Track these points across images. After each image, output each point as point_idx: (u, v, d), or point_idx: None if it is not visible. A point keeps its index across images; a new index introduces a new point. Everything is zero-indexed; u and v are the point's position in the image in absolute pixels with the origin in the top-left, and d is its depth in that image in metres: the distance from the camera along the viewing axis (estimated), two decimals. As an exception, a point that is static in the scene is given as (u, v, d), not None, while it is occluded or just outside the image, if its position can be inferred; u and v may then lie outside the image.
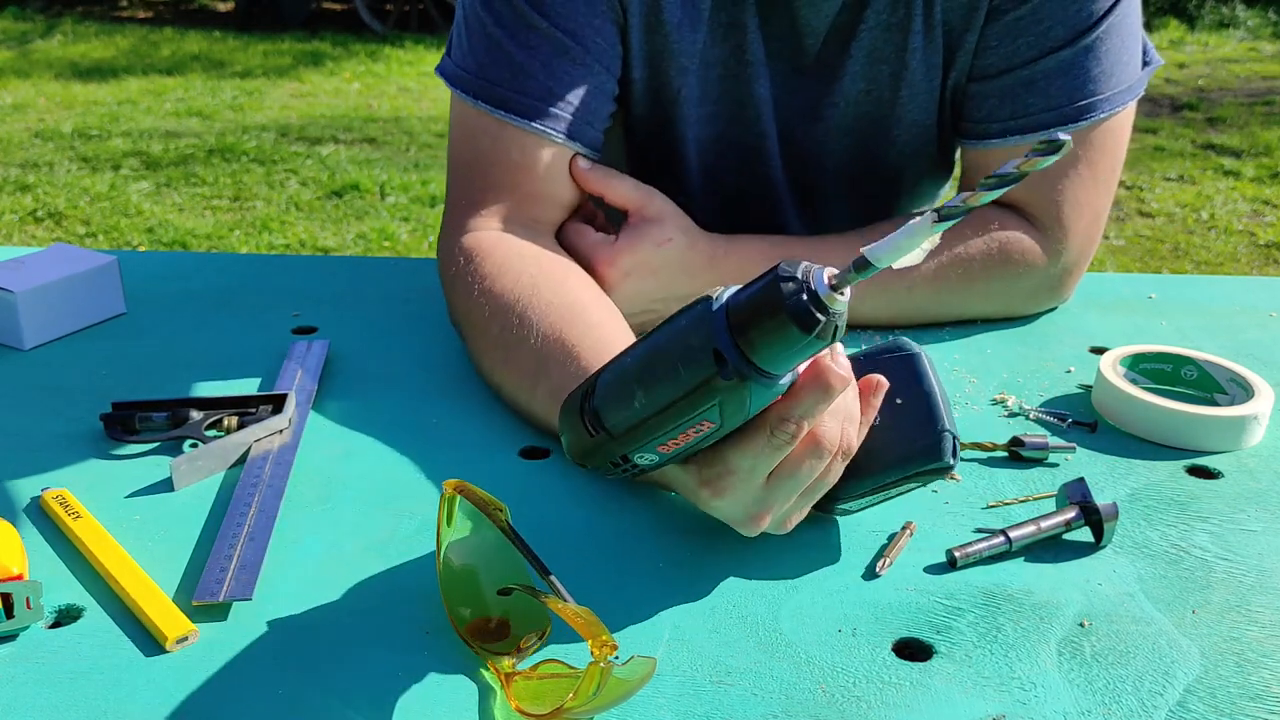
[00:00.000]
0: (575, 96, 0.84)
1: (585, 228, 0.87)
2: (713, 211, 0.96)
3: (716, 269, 0.87)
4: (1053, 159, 0.41)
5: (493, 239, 0.83)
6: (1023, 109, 0.86)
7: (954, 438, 0.59)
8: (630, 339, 0.73)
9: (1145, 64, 0.89)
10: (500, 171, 0.85)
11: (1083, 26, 0.83)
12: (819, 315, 0.45)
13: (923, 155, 0.96)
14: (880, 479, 0.60)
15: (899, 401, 0.60)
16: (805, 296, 0.46)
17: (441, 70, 0.88)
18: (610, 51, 0.86)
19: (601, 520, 0.65)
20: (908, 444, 0.59)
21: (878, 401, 0.58)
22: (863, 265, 0.45)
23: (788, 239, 0.90)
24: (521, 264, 0.80)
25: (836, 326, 0.46)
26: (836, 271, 0.46)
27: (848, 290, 0.46)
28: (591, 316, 0.75)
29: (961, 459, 0.71)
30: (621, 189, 0.86)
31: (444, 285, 0.85)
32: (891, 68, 0.89)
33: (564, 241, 0.87)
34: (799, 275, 0.46)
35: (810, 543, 0.63)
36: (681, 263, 0.86)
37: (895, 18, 0.87)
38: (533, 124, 0.83)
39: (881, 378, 0.58)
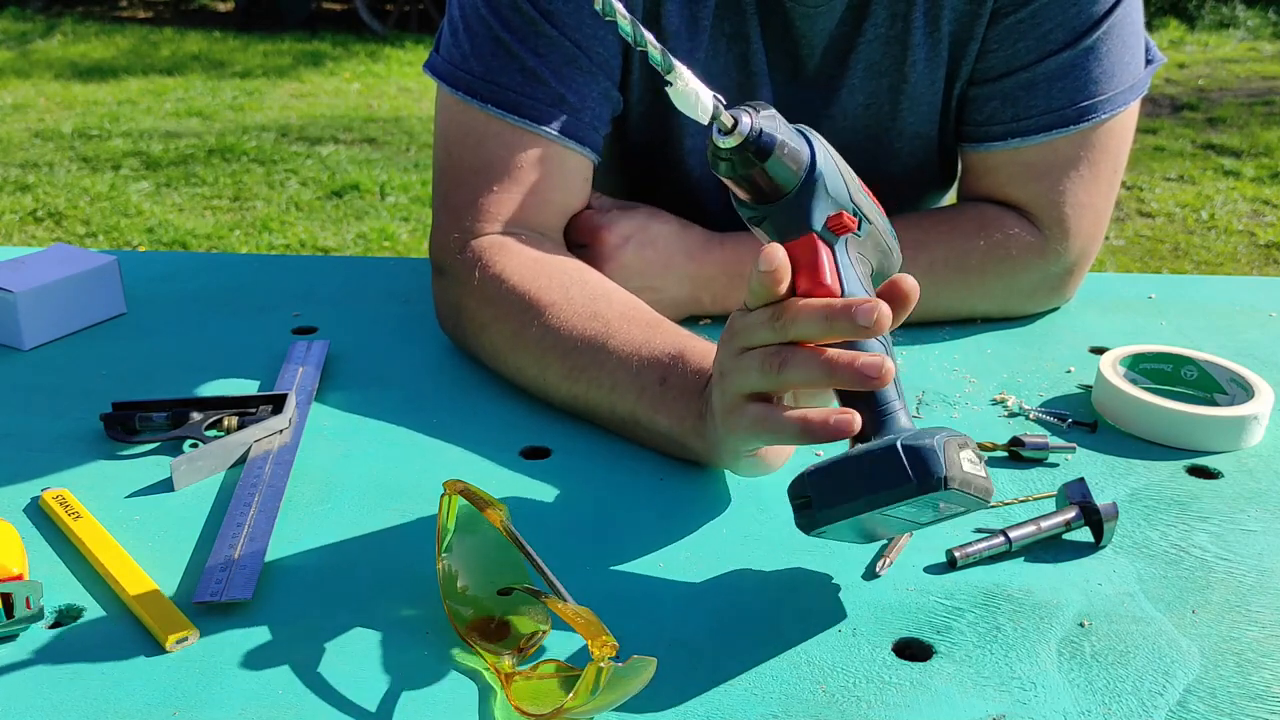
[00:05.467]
0: (584, 103, 0.85)
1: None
2: (722, 218, 0.96)
3: (713, 252, 0.88)
4: None
5: (505, 240, 0.83)
6: (1024, 111, 0.86)
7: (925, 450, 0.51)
8: (653, 318, 0.75)
9: (1148, 62, 0.89)
10: (511, 175, 0.84)
11: (1081, 29, 0.83)
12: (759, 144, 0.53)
13: (925, 165, 0.96)
14: (850, 507, 0.53)
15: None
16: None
17: (433, 69, 0.87)
18: (613, 61, 0.87)
19: (601, 520, 0.65)
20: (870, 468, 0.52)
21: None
22: (714, 124, 0.52)
23: None
24: (539, 263, 0.81)
25: (756, 145, 0.53)
26: (720, 132, 0.53)
27: (735, 118, 0.52)
28: (617, 298, 0.77)
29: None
30: (606, 201, 0.91)
31: (442, 284, 0.85)
32: (891, 80, 0.89)
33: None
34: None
35: (810, 543, 0.63)
36: (679, 239, 0.88)
37: (894, 31, 0.87)
38: (546, 129, 0.83)
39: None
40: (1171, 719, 0.50)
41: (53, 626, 0.56)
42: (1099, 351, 0.87)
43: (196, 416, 0.74)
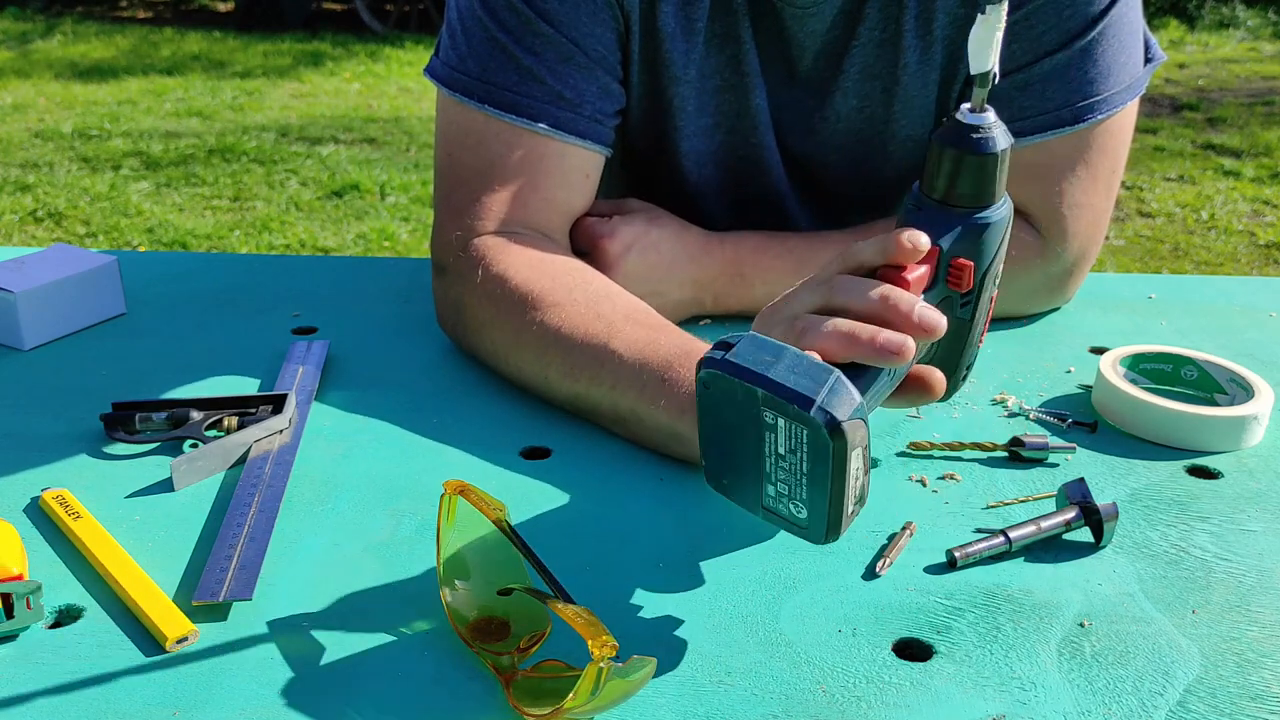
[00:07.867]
0: (582, 98, 0.85)
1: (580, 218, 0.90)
2: (720, 219, 0.96)
3: (713, 254, 0.88)
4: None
5: (506, 239, 0.83)
6: (1019, 112, 0.86)
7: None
8: (657, 321, 0.75)
9: (1148, 60, 0.89)
10: (511, 174, 0.84)
11: (1075, 30, 0.83)
12: (980, 136, 0.55)
13: (919, 168, 0.95)
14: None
15: None
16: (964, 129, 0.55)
17: (432, 73, 0.88)
18: (611, 58, 0.87)
19: (601, 520, 0.65)
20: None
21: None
22: (979, 80, 0.53)
23: (784, 233, 0.91)
24: (541, 262, 0.81)
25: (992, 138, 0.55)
26: (969, 104, 0.55)
27: (988, 107, 0.55)
28: (620, 300, 0.77)
29: (961, 459, 0.71)
30: (602, 205, 0.91)
31: (443, 284, 0.85)
32: (884, 83, 0.89)
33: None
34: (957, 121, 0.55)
35: (811, 543, 0.63)
36: (679, 242, 0.88)
37: (887, 34, 0.87)
38: (543, 127, 0.83)
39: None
40: (1171, 719, 0.50)
41: (53, 626, 0.56)
42: (1099, 351, 0.87)
43: (196, 416, 0.74)
